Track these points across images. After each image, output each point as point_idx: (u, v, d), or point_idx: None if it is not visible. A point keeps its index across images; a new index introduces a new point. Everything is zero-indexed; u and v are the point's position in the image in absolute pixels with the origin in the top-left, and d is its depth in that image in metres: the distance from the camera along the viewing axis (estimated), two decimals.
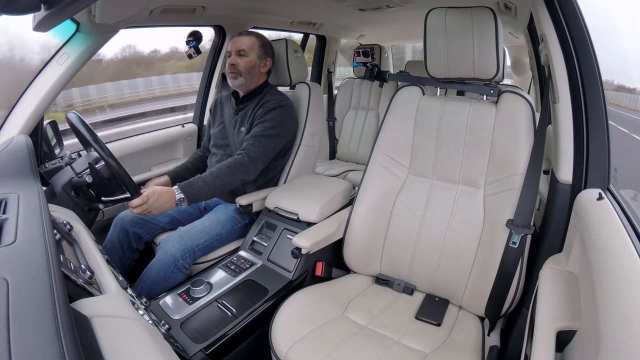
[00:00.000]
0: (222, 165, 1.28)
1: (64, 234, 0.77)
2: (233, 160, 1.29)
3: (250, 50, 1.41)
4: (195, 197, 1.19)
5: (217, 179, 1.23)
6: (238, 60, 1.40)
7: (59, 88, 1.14)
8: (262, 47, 1.44)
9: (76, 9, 0.80)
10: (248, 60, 1.41)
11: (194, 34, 1.66)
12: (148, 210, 1.08)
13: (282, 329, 0.91)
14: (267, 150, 1.36)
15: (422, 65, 1.12)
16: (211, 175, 1.23)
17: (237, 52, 1.41)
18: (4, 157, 0.88)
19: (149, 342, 0.51)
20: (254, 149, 1.32)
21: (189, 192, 1.17)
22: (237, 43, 1.41)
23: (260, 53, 1.44)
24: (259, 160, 1.34)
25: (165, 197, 1.12)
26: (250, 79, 1.44)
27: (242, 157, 1.30)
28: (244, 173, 1.29)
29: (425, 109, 1.14)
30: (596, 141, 0.84)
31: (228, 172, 1.26)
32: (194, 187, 1.19)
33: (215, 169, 1.26)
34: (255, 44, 1.42)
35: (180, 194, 1.15)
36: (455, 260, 1.06)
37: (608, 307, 0.50)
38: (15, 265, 0.46)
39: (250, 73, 1.43)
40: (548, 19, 0.89)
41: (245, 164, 1.29)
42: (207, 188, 1.21)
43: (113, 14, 1.15)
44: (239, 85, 1.44)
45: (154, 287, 1.17)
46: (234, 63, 1.40)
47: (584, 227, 0.71)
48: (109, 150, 1.09)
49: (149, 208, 1.08)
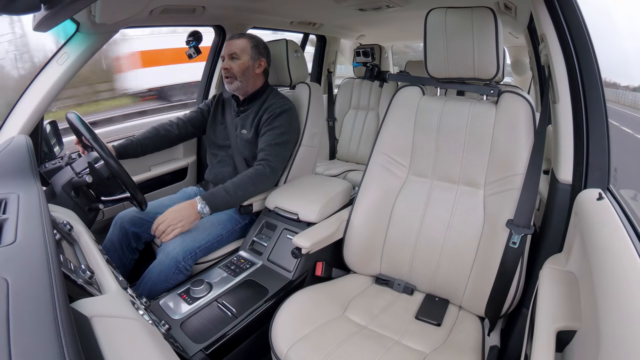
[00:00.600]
0: (244, 175, 1.30)
1: (64, 234, 0.77)
2: (255, 171, 1.31)
3: (242, 52, 1.40)
4: (218, 206, 1.23)
5: (239, 189, 1.26)
6: (231, 64, 1.40)
7: (59, 88, 1.14)
8: (254, 48, 1.42)
9: (76, 9, 0.80)
10: (241, 62, 1.40)
11: (194, 34, 1.66)
12: (173, 225, 1.14)
13: (282, 329, 0.91)
14: (283, 158, 1.40)
15: (422, 65, 1.12)
16: (233, 186, 1.26)
17: (229, 55, 1.40)
18: (4, 157, 0.88)
19: (149, 342, 0.51)
20: (274, 159, 1.34)
21: (211, 202, 1.21)
22: (229, 47, 1.41)
23: (253, 54, 1.42)
24: (278, 169, 1.37)
25: (187, 209, 1.18)
26: (246, 81, 1.43)
27: (264, 168, 1.32)
28: (266, 184, 1.33)
29: (425, 109, 1.14)
30: (596, 141, 0.84)
31: (251, 182, 1.29)
32: (216, 197, 1.22)
33: (238, 179, 1.28)
34: (247, 45, 1.41)
35: (202, 204, 1.19)
36: (455, 260, 1.06)
37: (608, 307, 0.50)
38: (15, 265, 0.46)
39: (244, 75, 1.41)
40: (548, 19, 0.89)
41: (267, 175, 1.32)
42: (229, 198, 1.24)
43: (113, 14, 1.15)
44: (235, 89, 1.44)
45: (155, 288, 1.17)
46: (227, 67, 1.40)
47: (584, 227, 0.71)
48: (108, 150, 1.09)
49: (172, 222, 1.15)
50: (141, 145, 1.46)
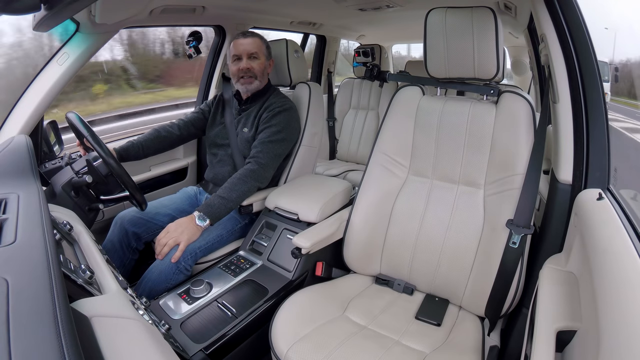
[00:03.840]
0: (233, 177, 1.29)
1: (64, 234, 0.77)
2: (244, 170, 1.31)
3: (260, 52, 1.41)
4: (217, 215, 1.22)
5: (232, 191, 1.26)
6: (252, 64, 1.39)
7: (59, 88, 1.14)
8: (267, 49, 1.45)
9: (76, 9, 0.80)
10: (260, 62, 1.40)
11: (194, 34, 1.66)
12: (175, 239, 1.14)
13: (282, 329, 0.91)
14: (276, 155, 1.37)
15: (422, 65, 1.12)
16: (226, 190, 1.25)
17: (248, 55, 1.39)
18: (4, 157, 0.88)
19: (149, 342, 0.51)
20: (264, 156, 1.33)
21: (209, 211, 1.20)
22: (245, 46, 1.39)
23: (266, 54, 1.45)
24: (269, 166, 1.35)
25: (186, 223, 1.17)
26: (263, 80, 1.45)
27: (252, 165, 1.31)
28: (256, 180, 1.31)
29: (425, 109, 1.14)
30: (596, 141, 0.84)
31: (241, 182, 1.28)
32: (213, 207, 1.21)
33: (228, 182, 1.28)
34: (262, 45, 1.43)
35: (200, 216, 1.19)
36: (455, 260, 1.05)
37: (608, 307, 0.50)
38: (15, 265, 0.45)
39: (263, 75, 1.44)
40: (548, 19, 0.89)
41: (256, 172, 1.31)
42: (225, 202, 1.23)
43: (113, 14, 1.15)
44: (254, 89, 1.44)
45: (155, 288, 1.17)
46: (248, 67, 1.39)
47: (584, 227, 0.71)
48: (108, 150, 1.09)
49: (174, 234, 1.14)
50: (142, 147, 1.46)
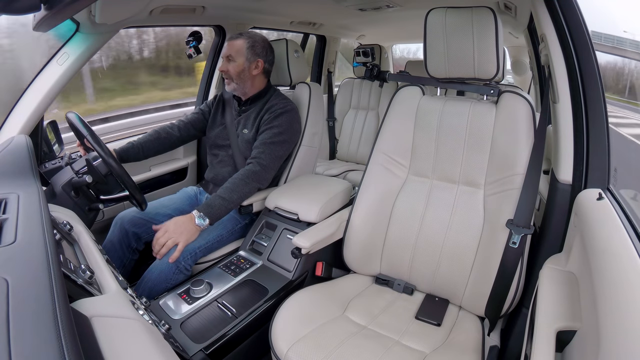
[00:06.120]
0: (234, 178, 1.28)
1: (64, 234, 0.77)
2: (245, 170, 1.30)
3: (237, 54, 1.38)
4: (217, 215, 1.21)
5: (233, 192, 1.25)
6: (227, 66, 1.39)
7: (59, 88, 1.14)
8: (250, 49, 1.39)
9: (76, 9, 0.80)
10: (236, 65, 1.38)
11: (194, 34, 1.66)
12: (174, 239, 1.11)
13: (282, 328, 0.91)
14: (277, 157, 1.37)
15: (422, 65, 1.12)
16: (227, 191, 1.25)
17: (226, 57, 1.39)
18: (4, 157, 0.88)
19: (149, 342, 0.51)
20: (265, 157, 1.33)
21: (209, 212, 1.19)
22: (226, 48, 1.40)
23: (248, 55, 1.39)
24: (270, 167, 1.35)
25: (185, 222, 1.15)
26: (242, 83, 1.41)
27: (254, 166, 1.31)
28: (257, 182, 1.31)
29: (425, 109, 1.14)
30: (596, 141, 0.84)
31: (242, 183, 1.27)
32: (213, 207, 1.20)
33: (229, 183, 1.27)
34: (242, 47, 1.38)
35: (199, 216, 1.17)
36: (455, 260, 1.05)
37: (608, 307, 0.50)
38: (15, 265, 0.46)
39: (240, 77, 1.40)
40: (548, 19, 0.89)
41: (257, 173, 1.30)
42: (225, 203, 1.22)
43: (113, 14, 1.15)
44: (233, 90, 1.44)
45: (155, 288, 1.17)
46: (223, 69, 1.40)
47: (584, 227, 0.71)
48: (108, 150, 1.09)
49: (172, 234, 1.11)
50: (142, 148, 1.45)
